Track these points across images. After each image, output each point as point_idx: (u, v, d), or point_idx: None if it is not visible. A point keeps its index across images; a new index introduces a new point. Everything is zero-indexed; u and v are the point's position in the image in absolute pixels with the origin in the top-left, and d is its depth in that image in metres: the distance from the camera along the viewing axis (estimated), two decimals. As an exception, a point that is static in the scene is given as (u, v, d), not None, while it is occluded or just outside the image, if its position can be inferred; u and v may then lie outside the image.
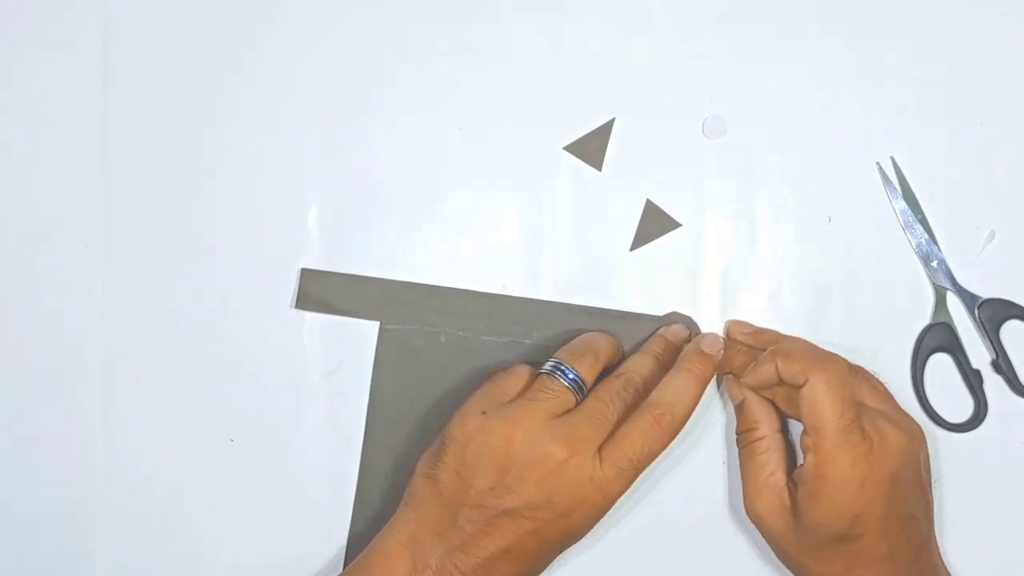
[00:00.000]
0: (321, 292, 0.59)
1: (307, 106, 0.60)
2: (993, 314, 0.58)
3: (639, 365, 0.56)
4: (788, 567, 0.56)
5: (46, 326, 0.61)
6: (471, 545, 0.52)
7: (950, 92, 0.59)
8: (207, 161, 0.61)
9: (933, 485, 0.56)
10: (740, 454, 0.57)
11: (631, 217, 0.60)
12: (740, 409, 0.57)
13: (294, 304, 0.60)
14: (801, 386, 0.53)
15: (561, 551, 0.55)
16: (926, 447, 0.55)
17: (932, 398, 0.58)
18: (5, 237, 0.61)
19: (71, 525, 0.60)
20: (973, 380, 0.58)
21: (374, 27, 0.60)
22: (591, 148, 0.60)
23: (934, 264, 0.59)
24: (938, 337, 0.58)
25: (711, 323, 0.59)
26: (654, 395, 0.54)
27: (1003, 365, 0.58)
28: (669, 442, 0.54)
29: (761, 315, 0.59)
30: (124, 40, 0.61)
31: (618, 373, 0.56)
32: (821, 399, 0.52)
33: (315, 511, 0.60)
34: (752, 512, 0.55)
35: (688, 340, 0.58)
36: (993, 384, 0.58)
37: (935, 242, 0.59)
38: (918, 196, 0.59)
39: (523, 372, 0.56)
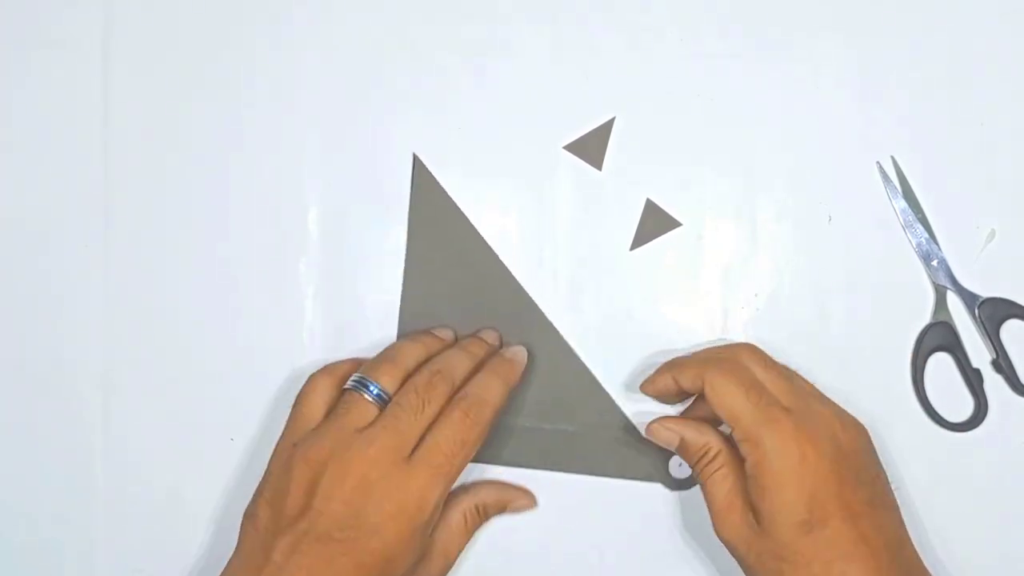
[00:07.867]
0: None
1: (307, 106, 0.61)
2: (993, 313, 0.58)
3: (451, 359, 0.55)
4: None
5: (46, 326, 0.61)
6: None
7: (950, 92, 0.59)
8: (207, 161, 0.61)
9: (901, 485, 0.55)
10: (702, 486, 0.54)
11: (631, 217, 0.60)
12: (684, 447, 0.55)
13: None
14: (702, 390, 0.53)
15: None
16: (870, 439, 0.54)
17: (932, 397, 0.58)
18: (5, 237, 0.61)
19: (71, 525, 0.60)
20: (973, 379, 0.58)
21: (374, 27, 0.61)
22: (591, 148, 0.60)
23: (934, 263, 0.59)
24: (938, 336, 0.58)
25: (711, 322, 0.59)
26: (462, 390, 0.54)
27: (1003, 364, 0.58)
28: (480, 435, 0.53)
29: (761, 315, 0.59)
30: (124, 40, 0.61)
31: (425, 367, 0.55)
32: (723, 390, 0.52)
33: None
34: (723, 535, 0.52)
35: (500, 345, 0.58)
36: (993, 383, 0.58)
37: (935, 241, 0.59)
38: (918, 196, 0.59)
39: (322, 390, 0.55)
